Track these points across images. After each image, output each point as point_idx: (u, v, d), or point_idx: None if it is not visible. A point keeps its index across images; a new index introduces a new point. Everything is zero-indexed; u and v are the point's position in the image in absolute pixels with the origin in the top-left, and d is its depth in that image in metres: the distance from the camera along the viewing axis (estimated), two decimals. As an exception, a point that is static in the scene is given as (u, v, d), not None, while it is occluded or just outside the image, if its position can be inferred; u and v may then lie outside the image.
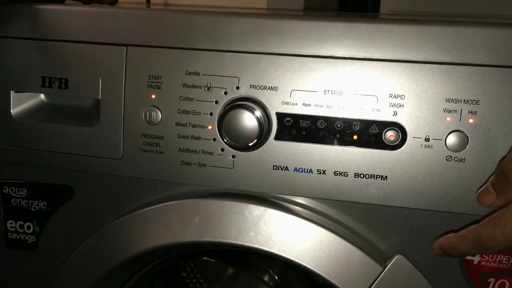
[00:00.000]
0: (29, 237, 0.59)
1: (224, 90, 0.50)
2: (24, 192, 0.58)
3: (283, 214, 0.50)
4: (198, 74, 0.50)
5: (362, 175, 0.48)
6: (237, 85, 0.49)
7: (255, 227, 0.51)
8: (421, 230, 0.50)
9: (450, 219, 0.48)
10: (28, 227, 0.58)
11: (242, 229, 0.51)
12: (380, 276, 0.49)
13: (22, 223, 0.58)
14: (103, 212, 0.56)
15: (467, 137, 0.46)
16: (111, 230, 0.55)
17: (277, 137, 0.49)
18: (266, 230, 0.50)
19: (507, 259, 0.48)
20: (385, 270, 0.48)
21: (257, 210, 0.50)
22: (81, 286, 0.56)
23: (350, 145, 0.48)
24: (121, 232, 0.54)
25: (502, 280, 0.49)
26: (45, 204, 0.57)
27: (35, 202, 0.58)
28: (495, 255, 0.48)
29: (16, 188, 0.58)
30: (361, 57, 0.47)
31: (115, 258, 0.55)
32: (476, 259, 0.49)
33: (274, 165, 0.50)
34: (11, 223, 0.59)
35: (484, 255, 0.48)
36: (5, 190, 0.58)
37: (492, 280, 0.49)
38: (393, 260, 0.49)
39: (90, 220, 0.56)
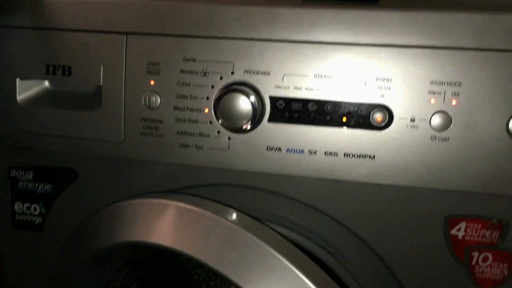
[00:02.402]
0: (36, 218, 0.61)
1: (220, 75, 0.52)
2: (30, 176, 0.60)
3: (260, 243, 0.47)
4: (195, 60, 0.52)
5: (351, 155, 0.51)
6: (232, 70, 0.52)
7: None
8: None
9: (434, 195, 0.51)
10: (35, 209, 0.61)
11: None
12: None
13: (29, 205, 0.61)
14: (105, 194, 0.58)
15: (451, 117, 0.48)
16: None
17: (270, 120, 0.52)
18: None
19: (490, 233, 0.51)
20: None
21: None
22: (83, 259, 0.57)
23: (340, 127, 0.51)
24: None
25: (486, 254, 0.51)
26: (51, 186, 0.60)
27: (41, 185, 0.60)
28: (479, 230, 0.51)
29: (23, 172, 0.60)
30: (350, 42, 0.49)
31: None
32: (461, 234, 0.51)
33: (267, 146, 0.52)
34: (18, 205, 0.62)
35: (468, 230, 0.51)
36: (12, 174, 0.61)
37: (476, 253, 0.51)
38: None
39: (93, 201, 0.59)
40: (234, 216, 0.51)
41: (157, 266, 0.66)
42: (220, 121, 0.52)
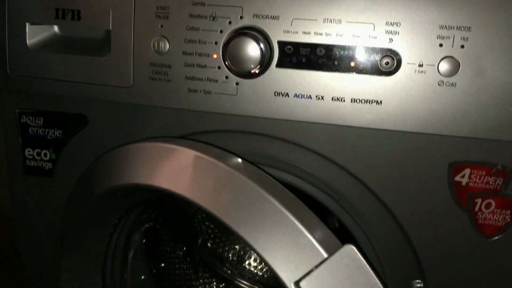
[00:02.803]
0: (46, 164, 0.63)
1: (228, 20, 0.52)
2: (40, 121, 0.61)
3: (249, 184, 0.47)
4: (204, 4, 0.52)
5: (358, 100, 0.51)
6: (241, 14, 0.52)
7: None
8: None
9: (439, 141, 0.51)
10: (45, 155, 0.62)
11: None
12: (322, 264, 0.44)
13: (39, 150, 0.62)
14: (114, 139, 0.59)
15: (459, 62, 0.48)
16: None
17: (278, 65, 0.52)
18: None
19: (493, 180, 0.51)
20: (329, 258, 0.44)
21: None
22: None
23: (348, 72, 0.51)
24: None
25: (489, 200, 0.52)
26: (61, 132, 0.61)
27: (51, 131, 0.61)
28: (483, 176, 0.51)
29: (33, 117, 0.61)
30: (360, -14, 0.49)
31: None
32: (465, 180, 0.52)
33: (275, 92, 0.53)
34: (29, 151, 0.63)
35: (472, 177, 0.51)
36: (23, 120, 0.62)
37: (479, 200, 0.52)
38: (340, 250, 0.44)
39: (102, 147, 0.59)
40: (232, 160, 0.52)
41: (165, 211, 0.67)
42: (228, 66, 0.52)
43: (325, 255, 0.44)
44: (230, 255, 0.88)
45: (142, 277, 0.71)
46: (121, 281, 0.66)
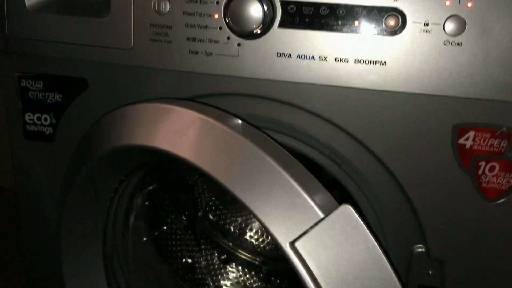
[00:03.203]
0: (47, 129, 0.62)
1: (230, -21, 0.51)
2: (40, 85, 0.60)
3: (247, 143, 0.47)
4: (205, -38, 0.51)
5: (362, 61, 0.50)
6: (243, -27, 0.50)
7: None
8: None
9: (444, 102, 0.50)
10: (45, 119, 0.62)
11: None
12: (318, 224, 0.43)
13: (39, 115, 0.62)
14: (115, 102, 0.58)
15: (465, 21, 0.47)
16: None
17: (281, 25, 0.51)
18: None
19: (498, 142, 0.50)
20: (325, 218, 0.43)
21: None
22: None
23: (351, 32, 0.50)
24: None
25: (493, 163, 0.51)
26: (61, 96, 0.60)
27: (51, 95, 0.61)
28: (487, 139, 0.51)
29: (33, 81, 0.61)
30: None
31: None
32: (469, 143, 0.51)
33: (277, 53, 0.52)
34: (29, 115, 0.62)
35: (476, 139, 0.51)
36: (22, 83, 0.61)
37: (482, 163, 0.51)
38: (337, 210, 0.43)
39: (103, 110, 0.59)
40: (231, 121, 0.51)
41: (166, 175, 0.67)
42: (230, 26, 0.51)
43: (322, 215, 0.43)
44: (231, 227, 0.89)
45: (144, 239, 0.71)
46: (122, 243, 0.66)
